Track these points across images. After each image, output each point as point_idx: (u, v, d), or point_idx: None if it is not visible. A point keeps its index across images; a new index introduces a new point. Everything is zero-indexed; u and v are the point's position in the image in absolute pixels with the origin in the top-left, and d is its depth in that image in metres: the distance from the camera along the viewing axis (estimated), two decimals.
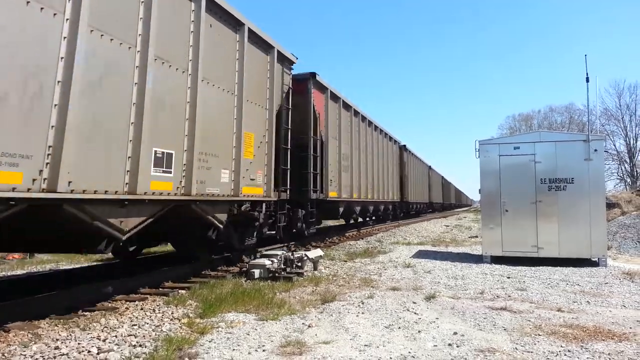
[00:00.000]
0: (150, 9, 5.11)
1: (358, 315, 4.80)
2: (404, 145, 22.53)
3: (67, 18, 4.09)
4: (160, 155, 5.24)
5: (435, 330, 4.26)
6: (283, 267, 7.13)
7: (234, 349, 3.72)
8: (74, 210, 4.21)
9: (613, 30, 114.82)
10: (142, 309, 5.01)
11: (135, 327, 4.32)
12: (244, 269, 7.35)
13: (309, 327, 4.37)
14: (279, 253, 7.35)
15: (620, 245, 11.53)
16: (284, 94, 8.91)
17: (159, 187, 5.21)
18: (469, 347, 3.78)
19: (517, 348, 3.77)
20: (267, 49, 8.13)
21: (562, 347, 3.79)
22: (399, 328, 4.36)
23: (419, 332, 4.22)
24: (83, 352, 3.60)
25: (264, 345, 3.82)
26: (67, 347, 3.70)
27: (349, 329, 4.30)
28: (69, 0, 4.12)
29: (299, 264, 7.36)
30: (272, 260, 7.04)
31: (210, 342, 3.90)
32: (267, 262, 6.96)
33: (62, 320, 4.48)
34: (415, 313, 4.90)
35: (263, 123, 7.91)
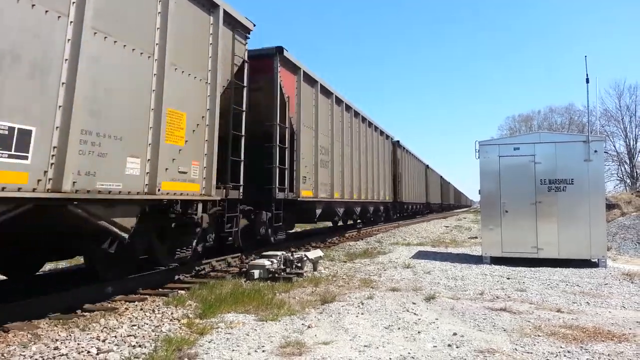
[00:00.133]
0: None
1: (358, 316, 4.80)
2: (398, 141, 20.99)
3: None
4: (5, 132, 3.69)
5: (435, 331, 4.26)
6: (283, 267, 7.14)
7: (234, 350, 3.73)
8: None
9: (613, 31, 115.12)
10: (141, 310, 5.01)
11: (135, 327, 4.32)
12: (244, 270, 7.35)
13: (309, 327, 4.38)
14: (279, 254, 7.35)
15: (620, 246, 11.53)
16: (236, 68, 7.22)
17: (1, 178, 3.65)
18: (469, 347, 3.78)
19: (516, 349, 3.78)
20: (209, 8, 6.56)
21: (561, 348, 3.80)
22: (399, 329, 4.36)
23: (419, 332, 4.23)
24: (82, 352, 3.60)
25: (264, 346, 3.82)
26: (66, 347, 3.70)
27: (349, 330, 4.30)
28: None
29: (299, 265, 7.37)
30: (271, 261, 7.05)
31: (210, 342, 3.90)
32: (266, 262, 6.97)
33: (61, 321, 4.48)
34: (415, 314, 4.91)
35: (202, 101, 6.25)
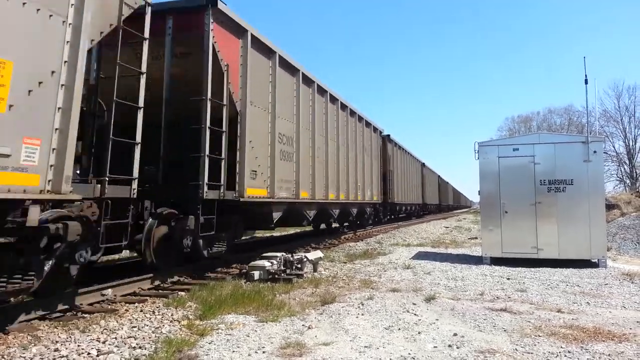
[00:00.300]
0: None
1: (358, 317, 4.80)
2: (388, 135, 19.14)
3: None
4: None
5: (435, 332, 4.26)
6: (283, 268, 7.13)
7: (234, 351, 3.72)
8: None
9: (613, 30, 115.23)
10: (141, 311, 5.00)
11: (135, 329, 4.31)
12: (244, 271, 7.34)
13: (309, 328, 4.37)
14: (279, 255, 7.35)
15: (620, 246, 11.55)
16: (130, 11, 5.34)
17: None
18: (469, 348, 3.78)
19: (517, 349, 3.77)
20: None
21: (562, 348, 3.80)
22: (399, 329, 4.35)
23: (419, 333, 4.22)
24: (83, 354, 3.60)
25: (264, 347, 3.81)
26: (66, 349, 3.70)
27: (349, 331, 4.30)
28: None
29: (299, 266, 7.36)
30: (271, 262, 7.04)
31: (210, 343, 3.90)
32: (266, 263, 6.96)
33: (61, 322, 4.47)
34: (415, 314, 4.90)
35: (51, 47, 4.21)
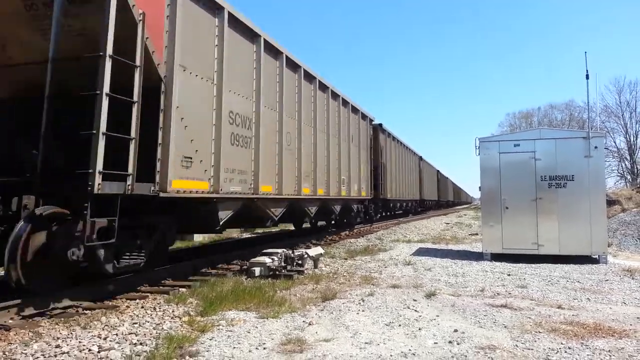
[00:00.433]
0: None
1: (358, 313, 4.80)
2: (380, 124, 17.30)
3: None
4: None
5: (436, 328, 4.26)
6: (284, 265, 7.14)
7: (235, 347, 3.73)
8: None
9: (613, 30, 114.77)
10: (142, 307, 5.01)
11: (136, 325, 4.32)
12: (245, 267, 7.35)
13: (310, 324, 4.38)
14: (279, 251, 7.35)
15: (621, 242, 11.54)
16: None
17: None
18: (470, 344, 3.79)
19: (517, 345, 3.78)
20: None
21: (562, 344, 3.80)
22: (400, 325, 4.36)
23: (420, 329, 4.23)
24: (84, 350, 3.61)
25: (265, 343, 3.82)
26: (67, 345, 3.71)
27: (350, 327, 4.30)
28: None
29: (300, 262, 7.36)
30: (272, 258, 7.04)
31: (211, 340, 3.90)
32: (267, 260, 6.96)
33: (62, 319, 4.48)
34: (416, 310, 4.91)
35: None
